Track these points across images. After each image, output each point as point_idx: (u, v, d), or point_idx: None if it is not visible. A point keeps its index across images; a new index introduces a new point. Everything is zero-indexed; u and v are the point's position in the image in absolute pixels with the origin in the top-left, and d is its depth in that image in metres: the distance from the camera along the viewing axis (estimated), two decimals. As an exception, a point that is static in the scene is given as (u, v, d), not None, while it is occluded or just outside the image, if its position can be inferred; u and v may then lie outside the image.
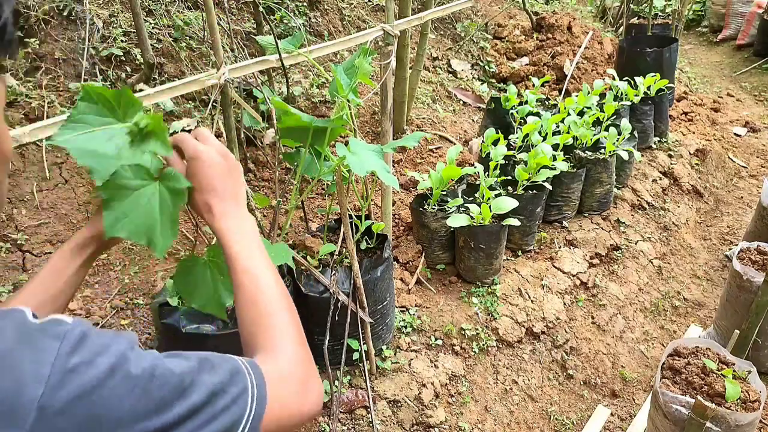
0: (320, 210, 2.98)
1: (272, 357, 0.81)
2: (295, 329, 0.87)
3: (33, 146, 2.48)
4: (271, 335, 0.84)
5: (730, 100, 6.00)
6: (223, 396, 0.65)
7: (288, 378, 0.78)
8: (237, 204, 0.94)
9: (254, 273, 0.89)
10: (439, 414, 2.17)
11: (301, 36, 1.72)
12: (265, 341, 0.84)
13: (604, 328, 3.00)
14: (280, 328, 0.86)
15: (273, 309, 0.87)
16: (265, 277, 0.89)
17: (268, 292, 0.88)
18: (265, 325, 0.86)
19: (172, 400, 0.60)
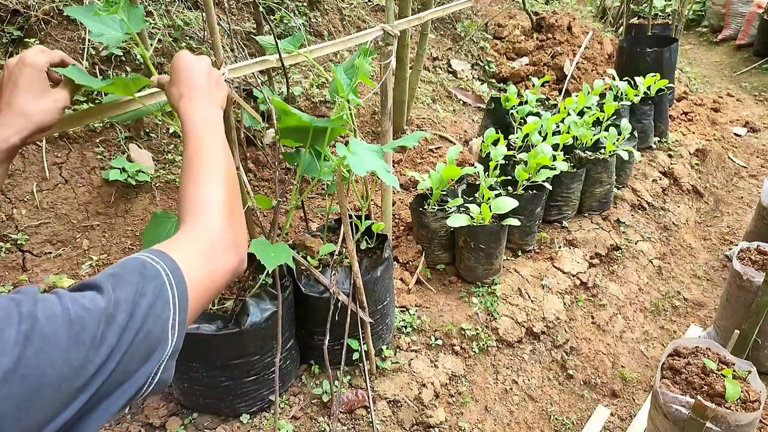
0: (320, 210, 2.99)
1: (188, 236, 0.80)
2: (222, 188, 0.87)
3: (33, 146, 2.48)
4: (195, 201, 0.85)
5: (730, 100, 6.00)
6: (142, 300, 0.64)
7: (201, 258, 0.77)
8: (211, 102, 1.01)
9: (200, 145, 0.91)
10: (439, 414, 2.17)
11: (301, 36, 1.72)
12: (189, 208, 0.84)
13: (604, 328, 3.00)
14: (207, 189, 0.86)
15: (206, 173, 0.88)
16: (210, 147, 0.91)
17: (207, 159, 0.90)
18: (193, 191, 0.86)
19: (101, 335, 0.58)
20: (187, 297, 0.70)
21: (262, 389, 1.93)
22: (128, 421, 1.93)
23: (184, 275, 0.71)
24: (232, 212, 0.87)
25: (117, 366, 0.60)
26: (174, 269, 0.70)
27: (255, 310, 1.78)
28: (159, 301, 0.66)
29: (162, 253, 0.72)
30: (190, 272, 0.73)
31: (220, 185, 0.88)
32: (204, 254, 0.78)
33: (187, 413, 1.95)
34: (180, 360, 1.87)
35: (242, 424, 1.93)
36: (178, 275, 0.70)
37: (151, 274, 0.67)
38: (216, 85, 1.05)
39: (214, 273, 0.78)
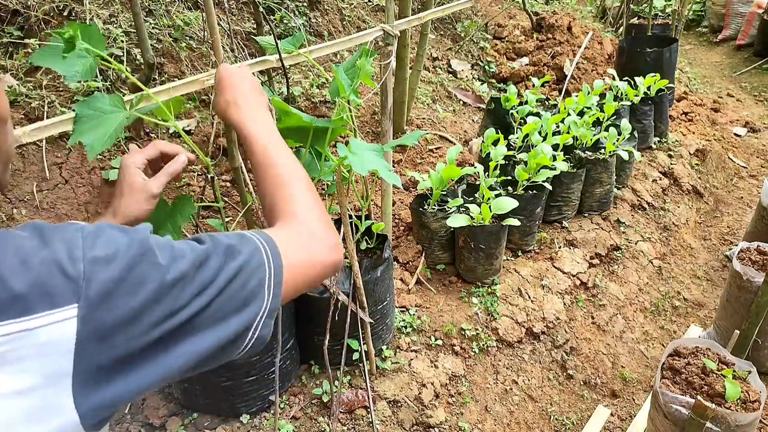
0: (320, 210, 2.98)
1: (286, 223, 0.87)
2: (310, 194, 0.93)
3: (33, 146, 2.48)
4: (287, 203, 0.91)
5: (730, 100, 6.00)
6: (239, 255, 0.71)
7: (301, 239, 0.84)
8: (258, 105, 1.06)
9: (272, 150, 0.97)
10: (439, 414, 2.17)
11: (301, 36, 1.72)
12: (281, 212, 0.90)
13: (604, 328, 3.00)
14: (296, 195, 0.92)
15: (289, 179, 0.94)
16: (282, 153, 0.97)
17: (285, 165, 0.95)
18: (281, 194, 0.92)
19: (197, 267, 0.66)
20: (281, 267, 0.75)
21: (262, 389, 1.93)
22: (128, 421, 1.93)
23: (280, 251, 0.77)
24: (322, 212, 0.92)
25: (211, 303, 0.66)
26: (270, 242, 0.76)
27: (255, 310, 1.78)
28: (253, 260, 0.72)
29: (261, 231, 0.79)
30: (286, 252, 0.78)
31: (307, 190, 0.94)
32: (301, 244, 0.83)
33: (187, 413, 1.95)
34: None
35: (242, 424, 1.93)
36: (274, 247, 0.76)
37: (248, 239, 0.75)
38: (258, 90, 1.11)
39: (311, 260, 0.83)
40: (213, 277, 0.67)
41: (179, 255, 0.65)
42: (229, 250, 0.70)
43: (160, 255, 0.63)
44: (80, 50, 1.13)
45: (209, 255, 0.68)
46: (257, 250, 0.74)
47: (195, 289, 0.65)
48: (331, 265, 0.86)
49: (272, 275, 0.74)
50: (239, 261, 0.70)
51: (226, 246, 0.71)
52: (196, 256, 0.67)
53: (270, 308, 0.73)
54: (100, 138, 1.12)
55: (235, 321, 0.69)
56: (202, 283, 0.66)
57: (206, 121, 3.06)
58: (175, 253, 0.65)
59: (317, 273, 0.84)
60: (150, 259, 0.62)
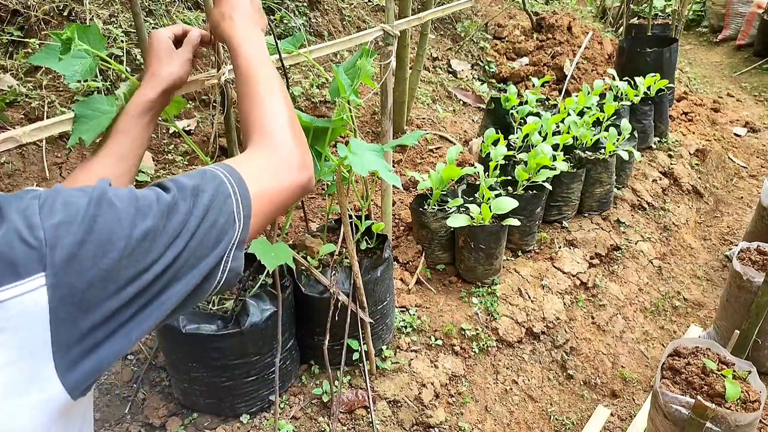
0: (320, 210, 2.99)
1: (253, 151, 0.86)
2: (283, 113, 0.92)
3: (33, 146, 2.48)
4: (260, 123, 0.90)
5: (730, 100, 6.00)
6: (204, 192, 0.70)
7: (268, 169, 0.82)
8: (254, 23, 1.05)
9: (254, 69, 0.95)
10: (439, 414, 2.17)
11: (301, 36, 1.72)
12: (255, 129, 0.89)
13: (604, 328, 3.00)
14: (269, 114, 0.91)
15: (264, 98, 0.93)
16: (265, 73, 0.96)
17: (264, 85, 0.94)
18: (255, 113, 0.91)
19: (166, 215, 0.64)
20: (248, 196, 0.75)
21: (262, 389, 1.93)
22: (128, 421, 1.93)
23: (245, 180, 0.75)
24: (295, 131, 0.91)
25: (184, 249, 0.65)
26: (233, 173, 0.75)
27: (255, 310, 1.78)
28: (219, 195, 0.71)
29: (222, 163, 0.77)
30: (252, 180, 0.77)
31: (281, 105, 0.93)
32: (268, 168, 0.82)
33: (187, 413, 1.95)
34: (180, 360, 1.86)
35: (242, 424, 1.93)
36: (239, 179, 0.75)
37: (211, 175, 0.73)
38: (258, 11, 1.09)
39: (280, 185, 0.82)
40: (183, 223, 0.66)
41: (145, 206, 0.63)
42: (194, 191, 0.69)
43: (124, 210, 0.61)
44: (79, 50, 1.13)
45: (176, 201, 0.67)
46: (222, 184, 0.73)
47: (167, 240, 0.64)
48: (300, 187, 0.85)
49: (240, 207, 0.73)
50: (206, 200, 0.69)
51: (191, 187, 0.69)
52: (164, 205, 0.65)
53: (239, 239, 0.72)
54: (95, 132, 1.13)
55: (211, 258, 0.69)
56: (174, 231, 0.64)
57: (206, 121, 3.06)
58: (140, 204, 0.63)
59: (287, 196, 0.83)
60: (113, 215, 0.60)
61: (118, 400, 2.00)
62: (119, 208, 0.61)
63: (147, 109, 1.05)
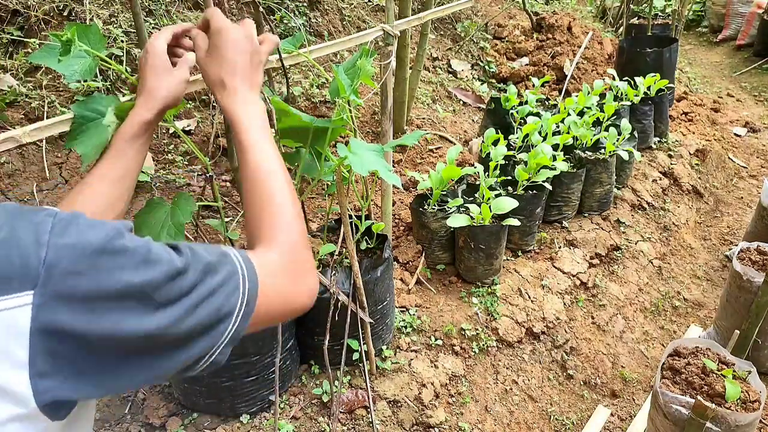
0: (320, 210, 2.98)
1: (269, 250, 0.82)
2: (295, 222, 0.87)
3: (33, 146, 2.48)
4: (269, 228, 0.85)
5: (730, 100, 6.00)
6: (215, 274, 0.67)
7: (281, 271, 0.79)
8: (251, 86, 0.98)
9: (260, 164, 0.89)
10: (439, 414, 2.17)
11: (301, 36, 1.72)
12: (264, 233, 0.84)
13: (604, 328, 3.00)
14: (280, 220, 0.86)
15: (275, 200, 0.87)
16: (271, 168, 0.90)
17: (273, 183, 0.89)
18: (266, 217, 0.86)
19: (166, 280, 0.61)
20: (255, 297, 0.71)
21: (262, 389, 1.93)
22: (128, 421, 1.93)
23: (258, 282, 0.73)
24: (306, 244, 0.87)
25: (178, 319, 0.62)
26: (250, 269, 0.72)
27: (255, 310, 1.78)
28: (230, 284, 0.68)
29: (245, 254, 0.74)
30: (265, 284, 0.74)
31: (293, 212, 0.88)
32: (286, 270, 0.79)
33: (187, 413, 1.95)
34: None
35: (242, 424, 1.93)
36: (253, 275, 0.72)
37: (229, 261, 0.70)
38: (257, 67, 1.01)
39: (287, 299, 0.79)
40: (185, 294, 0.63)
41: (154, 260, 0.61)
42: (207, 268, 0.66)
43: (133, 255, 0.59)
44: (79, 50, 1.11)
45: (186, 269, 0.64)
46: (235, 274, 0.69)
47: (163, 300, 0.61)
48: (302, 309, 0.82)
49: (244, 304, 0.69)
50: (215, 282, 0.66)
51: (205, 263, 0.66)
52: (172, 267, 0.62)
53: (232, 336, 0.69)
54: (95, 147, 1.10)
55: (197, 344, 0.65)
56: (173, 297, 0.62)
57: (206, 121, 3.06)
58: (150, 257, 0.61)
59: (287, 312, 0.80)
60: (121, 257, 0.58)
61: (118, 400, 2.00)
62: (129, 252, 0.59)
63: (143, 130, 1.01)
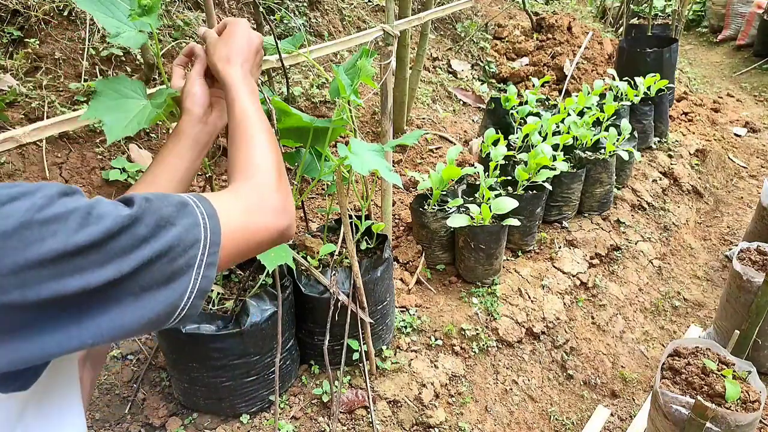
0: (320, 210, 2.98)
1: (239, 186, 0.85)
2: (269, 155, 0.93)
3: (33, 146, 2.48)
4: (243, 165, 0.90)
5: (730, 100, 6.00)
6: (171, 227, 0.66)
7: (250, 207, 0.81)
8: (251, 73, 1.08)
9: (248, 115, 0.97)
10: (439, 414, 2.17)
11: (301, 36, 1.72)
12: (238, 171, 0.89)
13: (604, 328, 3.00)
14: (255, 155, 0.91)
15: (251, 139, 0.93)
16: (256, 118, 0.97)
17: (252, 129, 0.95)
18: (241, 156, 0.92)
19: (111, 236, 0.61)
20: (218, 243, 0.72)
21: (262, 389, 1.93)
22: (128, 421, 1.93)
23: (221, 224, 0.73)
24: (280, 175, 0.91)
25: (132, 273, 0.62)
26: (212, 215, 0.73)
27: (255, 310, 1.78)
28: (188, 237, 0.68)
29: (204, 199, 0.74)
30: (228, 222, 0.75)
31: (268, 150, 0.93)
32: (248, 210, 0.80)
33: (187, 413, 1.95)
34: (180, 360, 1.86)
35: (242, 424, 1.93)
36: (215, 222, 0.72)
37: (189, 211, 0.70)
38: (258, 65, 1.12)
39: (256, 226, 0.80)
40: (135, 246, 0.62)
41: (96, 218, 0.60)
42: (162, 221, 0.66)
43: (67, 219, 0.59)
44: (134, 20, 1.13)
45: (135, 222, 0.63)
46: (195, 225, 0.69)
47: (110, 256, 0.60)
48: (278, 231, 0.83)
49: (206, 254, 0.70)
50: (170, 235, 0.66)
51: (158, 216, 0.66)
52: (117, 223, 0.61)
53: (199, 289, 0.69)
54: (118, 121, 1.10)
55: (155, 299, 0.65)
56: (121, 249, 0.61)
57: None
58: (91, 217, 0.60)
59: (262, 239, 0.81)
60: (53, 224, 0.58)
61: (118, 400, 2.00)
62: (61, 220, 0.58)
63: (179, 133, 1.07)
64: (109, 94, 1.11)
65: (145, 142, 2.79)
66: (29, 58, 2.64)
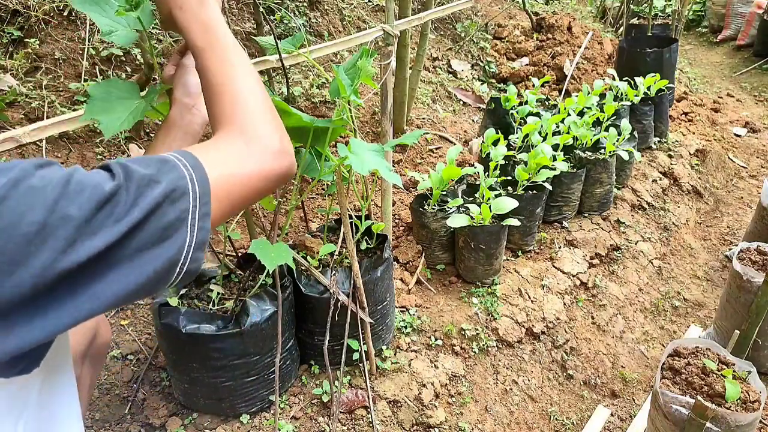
0: (320, 210, 2.98)
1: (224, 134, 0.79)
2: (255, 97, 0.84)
3: (33, 146, 2.48)
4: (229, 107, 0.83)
5: (730, 100, 6.00)
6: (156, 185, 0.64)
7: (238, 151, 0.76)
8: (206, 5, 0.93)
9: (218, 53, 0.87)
10: (439, 414, 2.17)
11: (301, 36, 1.72)
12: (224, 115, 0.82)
13: (604, 328, 3.00)
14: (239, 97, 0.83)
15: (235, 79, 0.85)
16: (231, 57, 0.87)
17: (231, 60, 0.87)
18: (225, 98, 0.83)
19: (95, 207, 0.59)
20: (208, 194, 0.70)
21: (262, 389, 1.93)
22: (128, 421, 1.93)
23: (208, 172, 0.70)
24: (271, 112, 0.85)
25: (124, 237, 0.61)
26: (197, 166, 0.70)
27: (255, 310, 1.78)
28: (175, 191, 0.66)
29: (186, 152, 0.72)
30: (217, 168, 0.72)
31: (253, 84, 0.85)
32: (238, 155, 0.76)
33: (187, 413, 1.95)
34: (180, 360, 1.86)
35: (242, 424, 1.93)
36: (201, 172, 0.70)
37: (171, 166, 0.68)
38: None
39: (250, 173, 0.76)
40: (122, 214, 0.61)
41: (75, 192, 0.58)
42: (143, 182, 0.64)
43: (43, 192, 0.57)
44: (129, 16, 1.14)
45: (117, 190, 0.61)
46: (180, 178, 0.67)
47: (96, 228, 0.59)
48: (277, 175, 0.79)
49: (197, 206, 0.68)
50: (156, 194, 0.64)
51: (141, 177, 0.64)
52: (98, 192, 0.60)
53: (197, 241, 0.67)
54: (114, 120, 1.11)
55: (152, 258, 0.63)
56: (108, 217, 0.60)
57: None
58: (70, 189, 0.58)
59: (262, 184, 0.77)
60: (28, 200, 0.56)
61: (118, 400, 2.00)
62: (39, 191, 0.57)
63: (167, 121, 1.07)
64: (103, 97, 1.12)
65: (145, 142, 2.79)
66: (29, 58, 2.64)
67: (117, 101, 1.13)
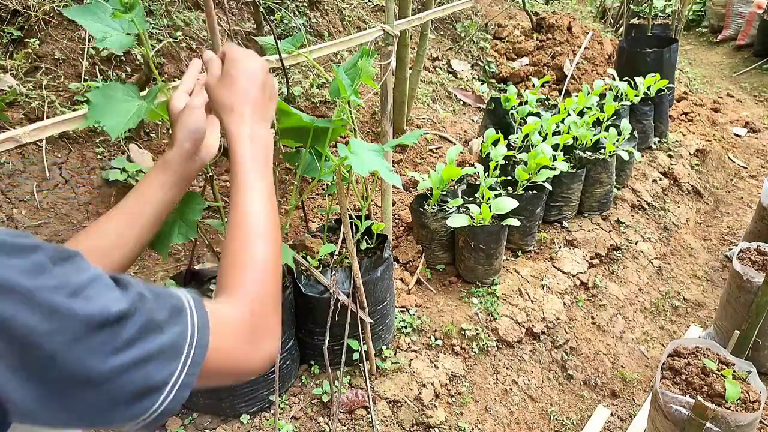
0: (320, 210, 2.98)
1: (231, 303, 0.75)
2: (267, 277, 0.80)
3: (33, 146, 2.48)
4: (238, 278, 0.78)
5: (730, 100, 6.00)
6: (158, 335, 0.60)
7: (238, 330, 0.72)
8: (261, 117, 0.93)
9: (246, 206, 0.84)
10: (439, 414, 2.17)
11: (301, 36, 1.72)
12: (231, 282, 0.78)
13: (604, 328, 3.00)
14: (251, 271, 0.79)
15: (251, 248, 0.81)
16: (255, 211, 0.84)
17: (252, 229, 0.83)
18: (237, 264, 0.79)
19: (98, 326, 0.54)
20: (200, 363, 0.64)
21: (262, 389, 1.93)
22: (128, 421, 1.93)
23: (210, 341, 0.66)
24: (277, 304, 0.80)
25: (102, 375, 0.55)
26: (202, 327, 0.65)
27: (255, 310, 1.78)
28: (173, 348, 0.61)
29: (201, 306, 0.67)
30: (219, 340, 0.67)
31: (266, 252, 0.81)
32: (244, 329, 0.72)
33: (187, 413, 1.95)
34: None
35: (242, 424, 1.93)
36: (203, 337, 0.65)
37: (181, 319, 0.63)
38: (270, 99, 0.96)
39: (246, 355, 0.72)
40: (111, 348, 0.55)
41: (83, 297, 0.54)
42: (151, 324, 0.59)
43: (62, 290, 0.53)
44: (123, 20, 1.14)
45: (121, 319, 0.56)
46: (183, 338, 0.62)
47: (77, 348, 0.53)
48: (251, 374, 0.74)
49: (183, 373, 0.61)
50: (155, 343, 0.59)
51: (149, 319, 0.59)
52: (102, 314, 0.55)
53: (164, 411, 0.61)
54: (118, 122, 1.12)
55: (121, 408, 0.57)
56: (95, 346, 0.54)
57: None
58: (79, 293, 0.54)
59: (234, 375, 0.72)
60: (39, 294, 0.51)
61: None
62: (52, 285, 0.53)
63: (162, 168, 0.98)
64: (103, 102, 1.12)
65: (145, 142, 2.79)
66: (29, 58, 2.64)
67: (118, 103, 1.14)
